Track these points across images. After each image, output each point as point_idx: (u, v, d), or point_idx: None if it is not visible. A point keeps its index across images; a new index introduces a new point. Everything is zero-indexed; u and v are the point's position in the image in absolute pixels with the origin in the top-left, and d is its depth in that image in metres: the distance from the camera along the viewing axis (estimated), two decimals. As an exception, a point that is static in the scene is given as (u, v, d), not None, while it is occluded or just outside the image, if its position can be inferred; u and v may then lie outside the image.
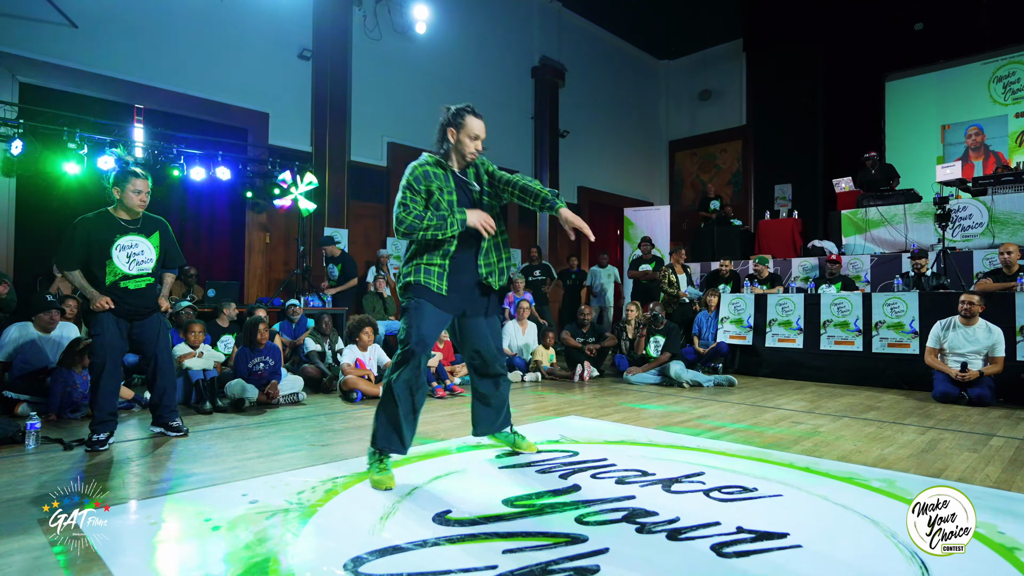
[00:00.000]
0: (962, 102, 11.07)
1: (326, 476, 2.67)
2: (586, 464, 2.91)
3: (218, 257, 7.91)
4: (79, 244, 3.09)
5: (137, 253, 3.20)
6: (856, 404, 4.79)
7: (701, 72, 13.84)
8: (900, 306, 5.82)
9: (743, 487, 2.56)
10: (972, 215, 7.74)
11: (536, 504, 2.33)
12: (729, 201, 12.05)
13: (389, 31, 9.11)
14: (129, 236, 3.19)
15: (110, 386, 2.99)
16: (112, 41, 6.75)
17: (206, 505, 2.29)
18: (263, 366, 4.63)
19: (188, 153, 6.93)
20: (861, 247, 8.59)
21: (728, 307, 6.99)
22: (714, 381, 5.79)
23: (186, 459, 2.98)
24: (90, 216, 3.16)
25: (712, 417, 4.22)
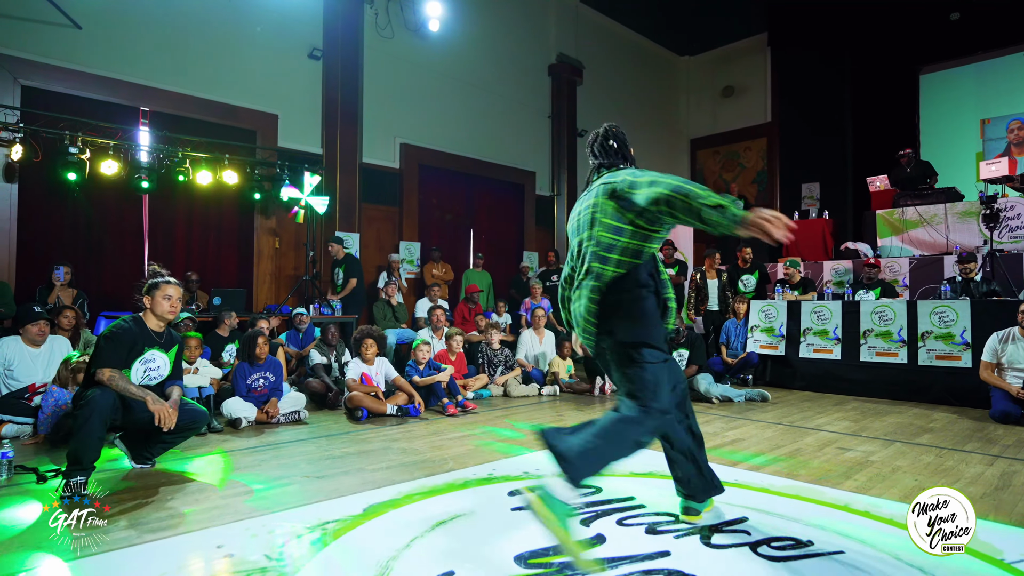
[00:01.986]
0: (1003, 95, 10.48)
1: (315, 521, 2.35)
2: (611, 505, 2.56)
3: (225, 263, 7.69)
4: (125, 348, 2.95)
5: (153, 368, 3.08)
6: (906, 425, 4.37)
7: (723, 68, 13.38)
8: (950, 315, 5.36)
9: (796, 540, 2.19)
10: (1021, 215, 7.23)
11: (554, 563, 1.99)
12: (754, 201, 11.59)
13: (401, 29, 8.84)
14: (154, 350, 3.08)
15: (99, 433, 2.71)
16: (116, 42, 6.56)
17: (171, 561, 1.99)
18: (263, 382, 4.36)
19: (194, 156, 6.73)
20: (898, 249, 8.11)
21: (758, 314, 6.57)
22: (746, 396, 5.40)
23: (164, 496, 2.69)
24: (131, 323, 3.03)
25: (747, 440, 3.85)
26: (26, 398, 3.93)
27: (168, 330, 3.19)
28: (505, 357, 6.09)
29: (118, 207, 6.72)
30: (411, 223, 8.98)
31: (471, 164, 9.77)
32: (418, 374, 4.96)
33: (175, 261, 7.03)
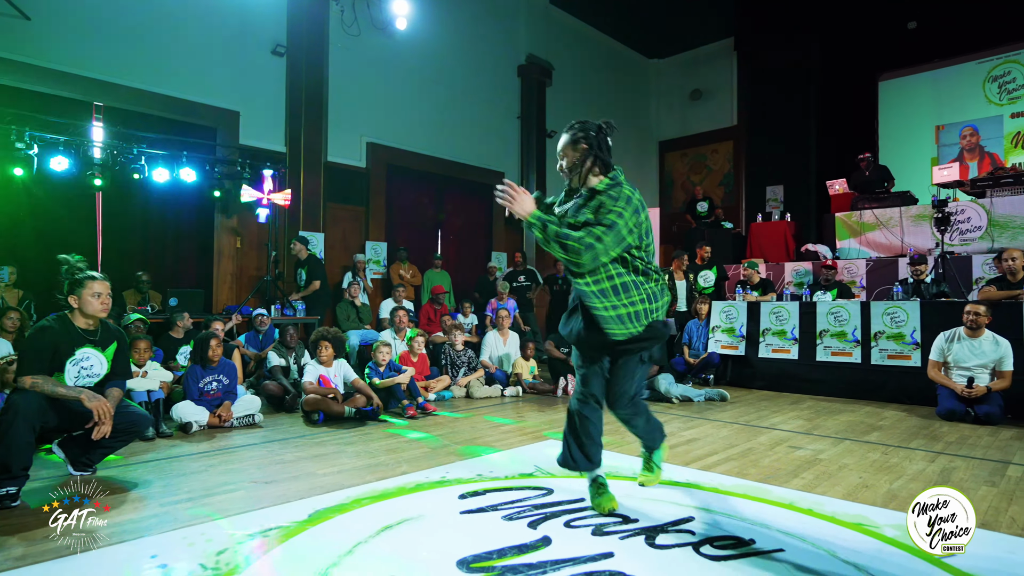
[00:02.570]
0: (956, 102, 10.84)
1: (257, 528, 2.30)
2: (560, 507, 2.56)
3: (184, 263, 7.51)
4: (48, 351, 2.80)
5: (87, 367, 2.92)
6: (857, 423, 4.47)
7: (692, 71, 13.56)
8: (900, 316, 5.52)
9: (738, 539, 2.22)
10: (971, 218, 7.48)
11: (496, 567, 1.98)
12: (720, 203, 11.78)
13: (368, 27, 8.74)
14: (86, 348, 2.92)
15: (25, 437, 2.60)
16: (69, 35, 6.35)
17: (102, 572, 1.92)
18: (216, 385, 4.25)
19: (151, 153, 6.53)
20: (856, 251, 8.32)
21: (719, 315, 6.67)
22: (705, 396, 5.47)
23: (101, 505, 2.60)
24: (53, 323, 2.87)
25: (703, 440, 3.89)
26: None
27: (103, 325, 3.03)
28: (468, 358, 6.07)
29: (69, 205, 6.49)
30: (378, 223, 8.89)
31: (439, 164, 9.71)
32: (378, 376, 4.90)
33: (130, 260, 6.83)
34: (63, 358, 2.84)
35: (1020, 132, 10.22)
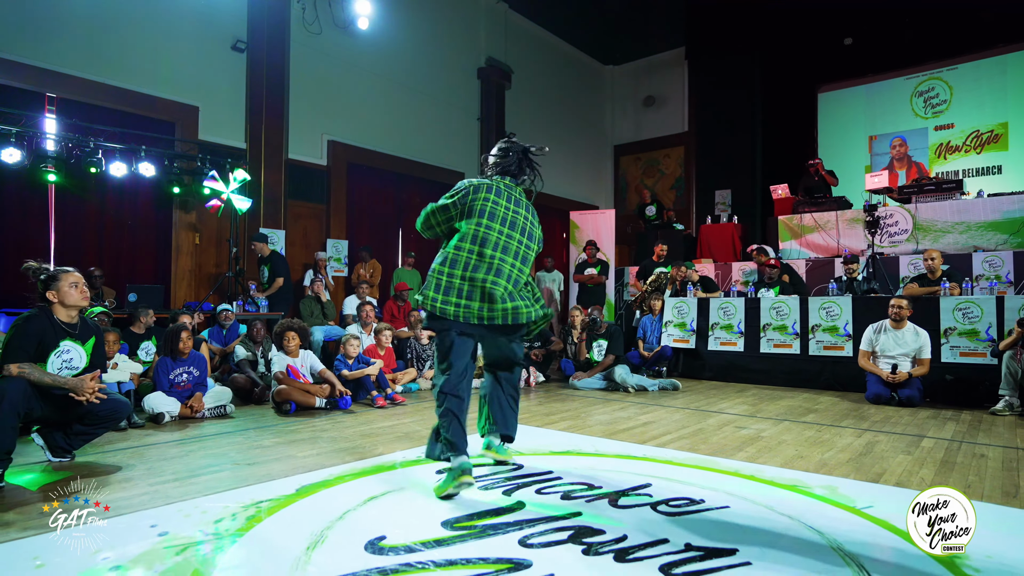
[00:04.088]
0: (887, 114, 11.65)
1: (249, 500, 2.44)
2: (531, 478, 2.79)
3: (141, 259, 7.39)
4: (32, 339, 2.87)
5: (68, 360, 3.00)
6: (795, 407, 4.88)
7: (645, 78, 14.06)
8: (835, 310, 6.00)
9: (690, 499, 2.50)
10: (898, 222, 8.11)
11: (477, 525, 2.19)
12: (672, 206, 12.28)
13: (330, 25, 8.78)
14: (67, 341, 3.00)
15: (10, 422, 2.65)
16: (20, 23, 6.19)
17: (107, 540, 2.04)
18: (186, 377, 4.30)
19: (107, 147, 6.43)
20: (796, 252, 8.87)
21: (672, 311, 7.05)
22: (659, 385, 5.81)
23: (88, 486, 2.68)
24: (37, 315, 2.94)
25: (658, 423, 4.20)
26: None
27: (82, 320, 3.12)
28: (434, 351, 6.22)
29: (20, 198, 6.33)
30: (339, 221, 8.94)
31: (400, 163, 9.82)
32: (347, 368, 5.02)
33: (84, 256, 6.70)
34: (47, 350, 2.90)
35: (943, 143, 11.08)
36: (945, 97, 11.06)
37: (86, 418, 3.02)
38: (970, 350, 5.23)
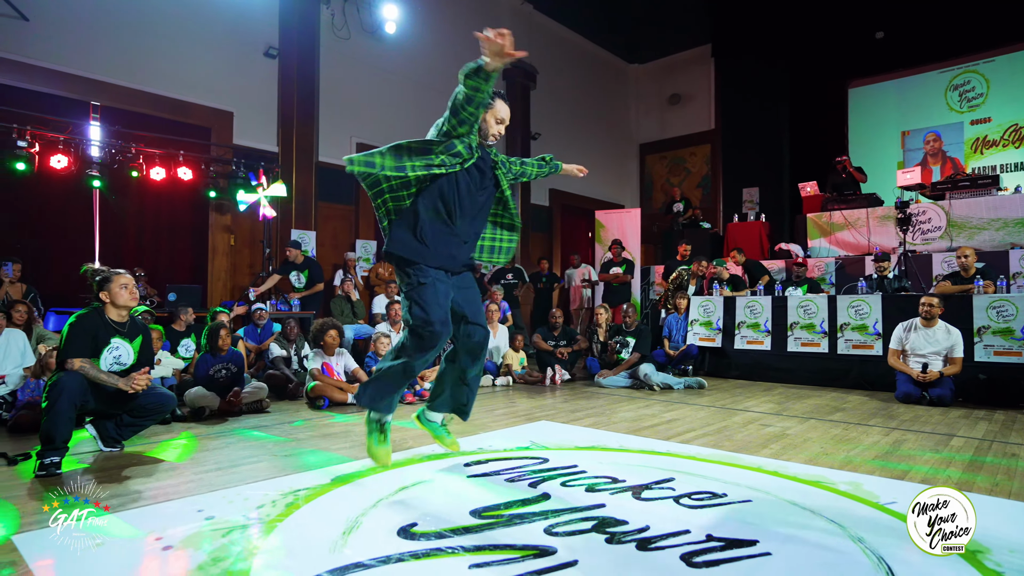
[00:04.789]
0: (921, 109, 11.41)
1: (287, 489, 2.57)
2: (556, 471, 2.87)
3: (180, 260, 7.67)
4: (87, 336, 3.07)
5: (118, 357, 3.19)
6: (822, 405, 4.86)
7: (670, 76, 13.99)
8: (864, 308, 5.93)
9: (713, 493, 2.54)
10: (931, 219, 7.97)
11: (504, 515, 2.28)
12: (698, 204, 12.20)
13: (358, 30, 8.97)
14: (117, 338, 3.19)
15: (68, 413, 2.84)
16: (67, 35, 6.49)
17: (158, 523, 2.18)
18: (225, 373, 4.48)
19: (147, 152, 6.71)
20: (826, 250, 8.77)
21: (698, 309, 7.04)
22: (684, 384, 5.82)
23: (139, 473, 2.85)
24: (90, 314, 3.15)
25: (682, 421, 4.23)
26: (-16, 389, 3.96)
27: (131, 319, 3.30)
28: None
29: (67, 202, 6.64)
30: (367, 222, 9.12)
31: (427, 164, 9.96)
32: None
33: (126, 257, 6.99)
34: (100, 346, 3.09)
35: (979, 138, 10.81)
36: (981, 90, 10.78)
37: (135, 411, 3.20)
38: (1004, 349, 5.13)
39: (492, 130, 2.66)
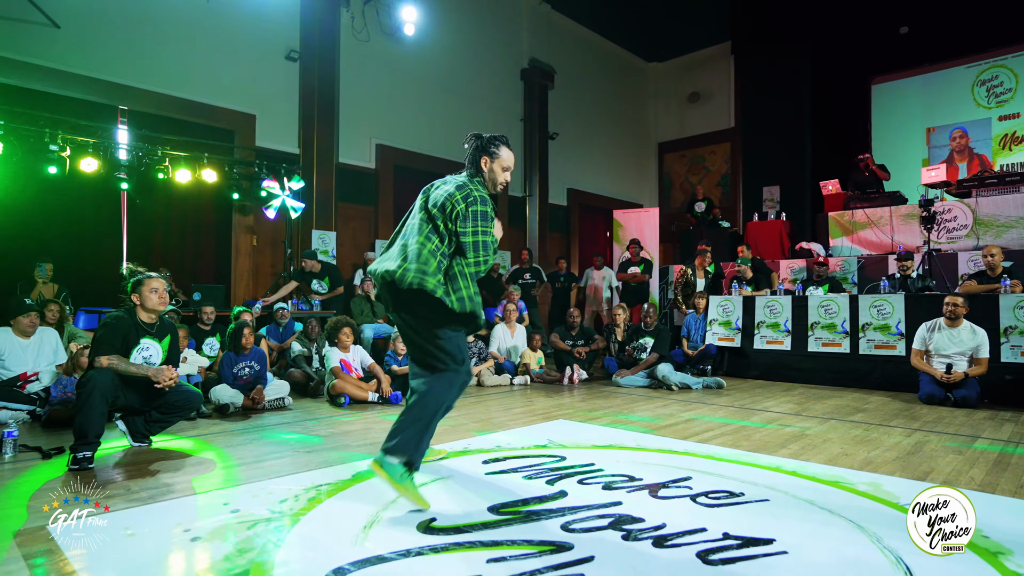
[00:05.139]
0: (947, 105, 11.19)
1: (310, 484, 2.63)
2: (573, 469, 2.89)
3: (204, 260, 7.83)
4: (119, 336, 3.18)
5: (147, 356, 3.31)
6: (843, 406, 4.81)
7: (689, 75, 13.90)
8: (886, 308, 5.85)
9: (730, 492, 2.55)
10: (957, 217, 7.82)
11: (522, 511, 2.31)
12: (718, 203, 12.10)
13: (377, 33, 9.06)
14: (147, 339, 3.31)
15: (100, 409, 2.94)
16: (95, 41, 6.66)
17: (186, 515, 2.25)
18: (248, 371, 4.58)
19: (173, 155, 6.86)
20: (848, 249, 8.65)
21: (716, 309, 7.00)
22: (703, 383, 5.80)
23: (167, 468, 2.94)
24: (123, 315, 3.26)
25: (700, 420, 4.22)
26: (18, 386, 4.10)
27: (160, 319, 3.40)
28: (479, 349, 6.39)
29: (97, 204, 6.81)
30: (386, 222, 9.21)
31: (445, 165, 10.03)
32: (397, 363, 5.22)
33: (152, 257, 7.15)
34: (130, 346, 3.19)
35: (1007, 134, 10.57)
36: (1010, 85, 10.55)
37: (163, 407, 3.29)
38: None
39: (499, 179, 2.68)
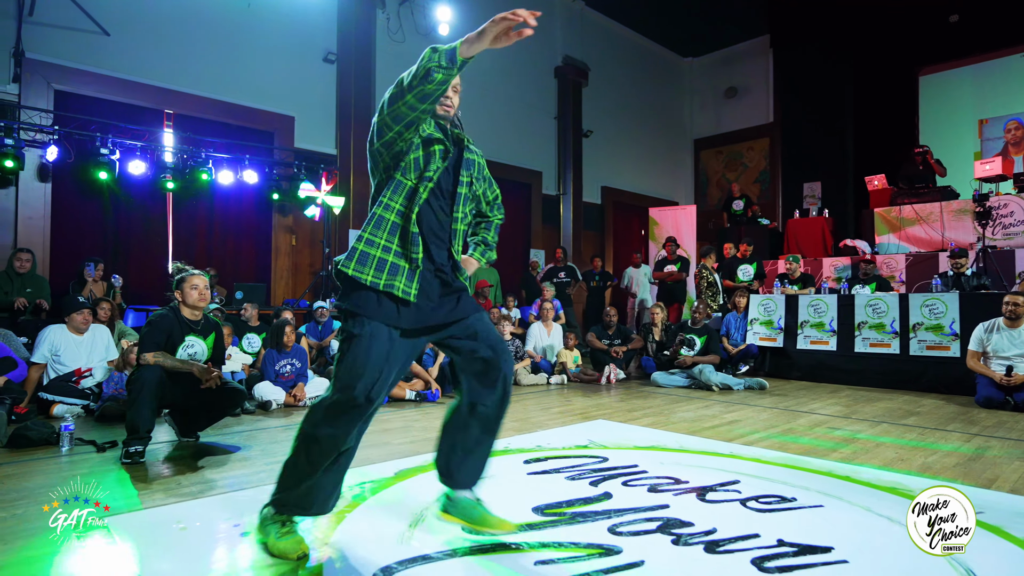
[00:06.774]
0: (1001, 96, 10.71)
1: (353, 481, 2.64)
2: (617, 471, 2.84)
3: (245, 259, 8.00)
4: (163, 333, 3.27)
5: (192, 354, 3.39)
6: (895, 409, 4.63)
7: (726, 69, 13.62)
8: (939, 307, 5.62)
9: (781, 497, 2.47)
10: (1014, 212, 7.48)
11: (567, 512, 2.27)
12: (756, 200, 11.83)
13: (413, 33, 9.12)
14: (192, 336, 3.39)
15: (150, 405, 3.02)
16: (142, 48, 6.86)
17: (235, 510, 2.28)
18: (290, 368, 4.65)
19: (216, 157, 7.03)
20: (895, 246, 8.36)
21: (758, 308, 6.83)
22: (744, 384, 5.66)
23: (214, 463, 2.99)
24: (167, 313, 3.35)
25: (744, 422, 4.12)
26: (73, 381, 4.25)
27: (204, 317, 3.47)
28: (516, 348, 6.37)
29: (144, 205, 7.02)
30: (422, 221, 9.26)
31: (480, 164, 10.04)
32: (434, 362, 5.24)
33: (196, 257, 7.33)
34: (175, 343, 3.26)
35: (1068, 125, 10.06)
36: (1071, 74, 10.04)
37: (209, 404, 3.36)
38: (1100, 351, 4.75)
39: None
